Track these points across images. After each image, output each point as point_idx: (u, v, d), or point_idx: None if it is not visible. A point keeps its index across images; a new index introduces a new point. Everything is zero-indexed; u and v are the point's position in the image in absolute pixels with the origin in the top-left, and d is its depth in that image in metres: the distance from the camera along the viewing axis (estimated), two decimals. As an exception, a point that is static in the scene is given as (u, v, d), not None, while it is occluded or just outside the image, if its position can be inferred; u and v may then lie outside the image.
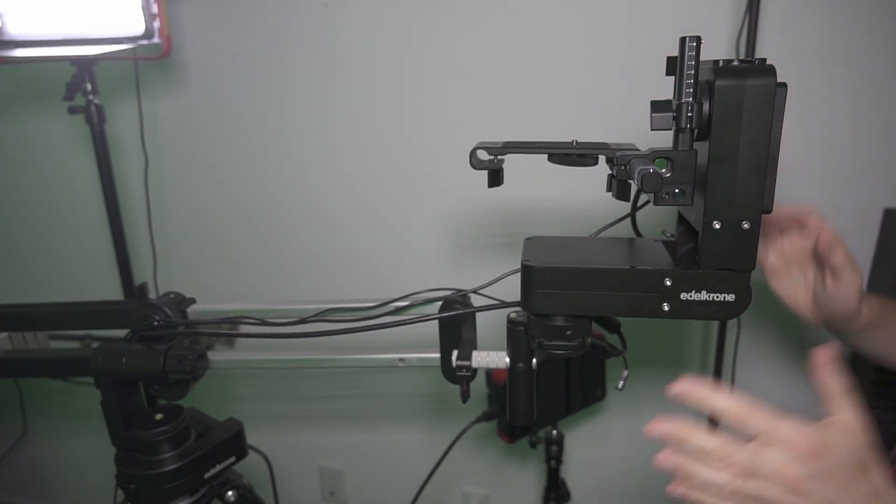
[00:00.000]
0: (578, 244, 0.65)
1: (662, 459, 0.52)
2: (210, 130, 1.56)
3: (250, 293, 1.66)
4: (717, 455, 0.49)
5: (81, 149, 1.62)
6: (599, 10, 1.25)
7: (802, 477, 0.47)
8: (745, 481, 0.48)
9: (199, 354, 0.70)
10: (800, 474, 0.47)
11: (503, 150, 0.59)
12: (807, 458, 0.47)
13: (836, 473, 0.47)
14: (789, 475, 0.47)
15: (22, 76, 1.63)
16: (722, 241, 0.54)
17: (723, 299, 0.56)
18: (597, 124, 1.31)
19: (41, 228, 1.77)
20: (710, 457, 0.49)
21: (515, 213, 1.38)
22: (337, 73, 1.43)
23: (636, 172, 0.52)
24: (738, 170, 0.52)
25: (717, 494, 0.49)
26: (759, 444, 0.48)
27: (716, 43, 1.19)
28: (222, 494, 0.77)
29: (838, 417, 0.49)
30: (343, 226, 1.54)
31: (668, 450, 0.52)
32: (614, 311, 0.59)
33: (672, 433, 0.51)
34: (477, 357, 0.66)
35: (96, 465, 1.83)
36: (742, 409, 0.49)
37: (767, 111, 0.50)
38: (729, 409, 0.49)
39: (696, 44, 0.51)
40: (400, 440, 1.69)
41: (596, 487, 1.57)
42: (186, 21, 1.48)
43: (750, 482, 0.48)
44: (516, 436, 1.19)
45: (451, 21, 1.34)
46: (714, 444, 0.49)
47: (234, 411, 0.83)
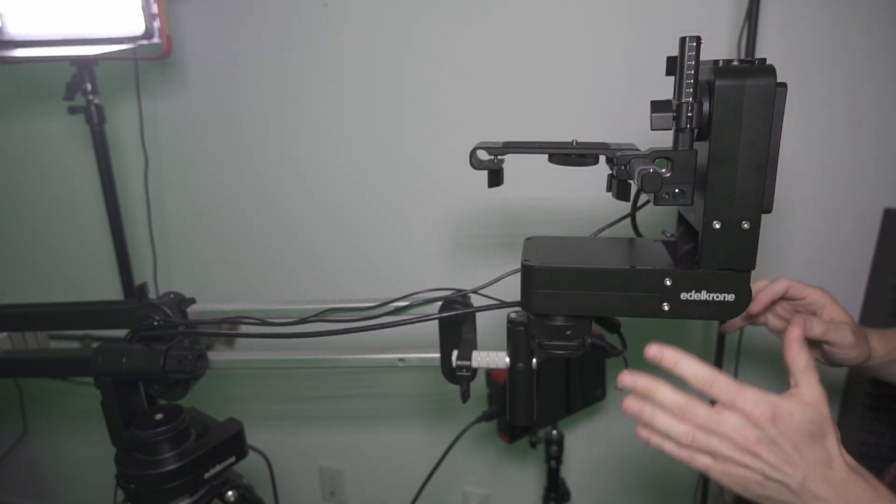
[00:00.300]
0: (578, 244, 0.65)
1: (628, 405, 0.56)
2: (210, 130, 1.56)
3: (250, 293, 1.66)
4: (679, 410, 0.53)
5: (81, 149, 1.62)
6: (599, 10, 1.25)
7: (755, 439, 0.51)
8: (702, 435, 0.53)
9: (199, 354, 0.70)
10: (753, 437, 0.51)
11: (503, 150, 0.59)
12: (761, 424, 0.51)
13: (788, 440, 0.51)
14: (743, 437, 0.51)
15: (22, 76, 1.63)
16: (722, 241, 0.54)
17: (723, 299, 0.56)
18: (597, 124, 1.31)
19: (41, 228, 1.77)
20: (672, 411, 0.54)
21: (515, 213, 1.38)
22: (337, 73, 1.43)
23: (636, 172, 0.52)
24: (738, 170, 0.51)
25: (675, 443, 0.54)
26: (720, 408, 0.52)
27: (716, 43, 1.19)
28: (222, 494, 0.77)
29: (799, 389, 0.54)
30: (343, 226, 1.54)
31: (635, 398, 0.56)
32: (614, 311, 0.59)
33: (641, 385, 0.55)
34: (477, 357, 0.66)
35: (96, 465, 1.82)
36: (708, 376, 0.53)
37: (767, 111, 0.50)
38: (697, 375, 0.53)
39: (696, 44, 0.51)
40: (400, 440, 1.69)
41: (596, 487, 1.57)
42: (186, 21, 1.48)
43: (705, 437, 0.53)
44: (516, 436, 1.19)
45: (452, 21, 1.34)
46: (677, 400, 0.53)
47: (234, 411, 0.83)
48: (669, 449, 0.55)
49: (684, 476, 1.48)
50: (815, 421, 0.52)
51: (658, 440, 0.55)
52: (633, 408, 0.56)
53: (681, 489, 1.50)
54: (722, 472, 0.53)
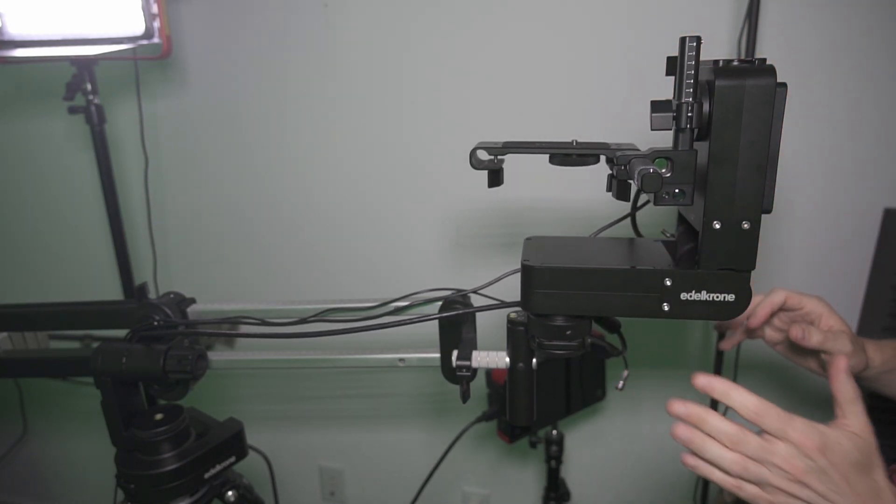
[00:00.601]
0: (578, 244, 0.65)
1: (679, 433, 0.56)
2: (210, 130, 1.56)
3: (250, 293, 1.66)
4: (730, 439, 0.53)
5: (81, 149, 1.62)
6: (599, 10, 1.25)
7: (806, 470, 0.51)
8: (752, 465, 0.53)
9: (200, 354, 0.70)
10: (802, 466, 0.51)
11: (503, 150, 0.59)
12: (812, 454, 0.51)
13: (837, 470, 0.51)
14: (793, 466, 0.51)
15: (22, 76, 1.63)
16: (722, 241, 0.54)
17: (723, 299, 0.56)
18: (597, 124, 1.31)
19: (41, 228, 1.77)
20: (723, 439, 0.54)
21: (515, 213, 1.38)
22: (337, 73, 1.43)
23: (636, 172, 0.52)
24: (738, 170, 0.51)
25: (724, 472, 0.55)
26: (769, 437, 0.53)
27: (716, 43, 1.19)
28: (222, 494, 0.77)
29: (846, 420, 0.54)
30: (343, 226, 1.54)
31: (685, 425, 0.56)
32: (614, 311, 0.59)
33: (694, 413, 0.55)
34: (477, 357, 0.66)
35: (96, 465, 1.83)
36: (759, 407, 0.53)
37: (767, 111, 0.50)
38: (747, 405, 0.54)
39: (695, 44, 0.51)
40: (400, 440, 1.69)
41: (596, 487, 1.57)
42: (186, 21, 1.48)
43: (756, 467, 0.53)
44: (516, 436, 1.19)
45: (452, 21, 1.34)
46: (730, 428, 0.54)
47: (234, 411, 0.83)
48: (718, 478, 0.55)
49: (684, 476, 1.48)
50: (863, 451, 0.52)
51: (706, 469, 0.56)
52: (685, 435, 0.56)
53: (681, 489, 1.50)
54: (769, 501, 0.53)
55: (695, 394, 0.58)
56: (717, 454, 0.54)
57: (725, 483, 0.55)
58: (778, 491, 0.53)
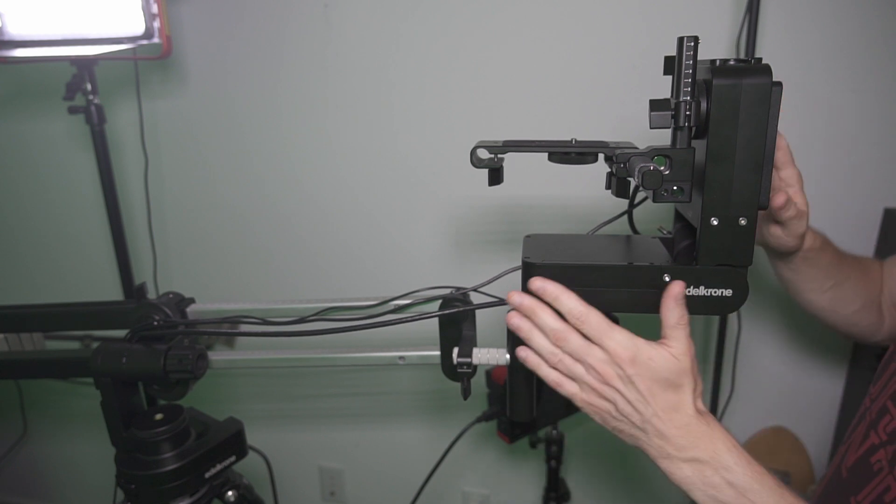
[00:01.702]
0: (578, 241, 0.66)
1: (511, 319, 0.61)
2: (210, 130, 1.56)
3: (250, 293, 1.67)
4: (555, 334, 0.58)
5: (81, 149, 1.62)
6: (599, 9, 1.25)
7: (613, 374, 0.57)
8: (569, 360, 0.59)
9: (200, 354, 0.70)
10: (612, 373, 0.57)
11: (503, 148, 0.59)
12: (622, 363, 0.56)
13: (643, 381, 0.56)
14: (604, 371, 0.57)
15: (22, 76, 1.63)
16: (719, 237, 0.54)
17: (720, 294, 0.56)
18: (596, 123, 1.31)
19: (41, 228, 1.77)
20: (549, 333, 0.59)
21: (515, 210, 1.38)
22: (336, 72, 1.43)
23: (636, 170, 0.52)
24: (736, 167, 0.52)
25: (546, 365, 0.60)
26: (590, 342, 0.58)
27: (716, 43, 1.19)
28: (222, 494, 0.77)
29: (667, 342, 0.57)
30: (343, 225, 1.54)
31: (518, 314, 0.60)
32: (614, 307, 0.60)
33: (528, 305, 0.59)
34: (478, 354, 0.67)
35: (96, 466, 1.83)
36: (581, 312, 0.57)
37: (764, 110, 0.51)
38: (573, 310, 0.58)
39: (693, 43, 0.52)
40: (400, 440, 1.69)
41: (596, 487, 1.58)
42: (186, 21, 1.48)
43: (571, 363, 0.59)
44: (516, 436, 1.19)
45: (452, 21, 1.34)
46: (557, 325, 0.58)
47: (234, 411, 0.83)
48: (544, 372, 0.60)
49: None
50: (673, 371, 0.56)
51: (534, 360, 0.61)
52: (515, 322, 0.60)
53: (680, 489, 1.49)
54: (584, 400, 0.59)
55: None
56: (540, 343, 0.59)
57: (549, 377, 0.60)
58: (590, 390, 0.58)
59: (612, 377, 0.57)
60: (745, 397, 1.37)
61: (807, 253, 0.78)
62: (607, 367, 0.57)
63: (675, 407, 0.57)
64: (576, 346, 0.58)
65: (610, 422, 0.60)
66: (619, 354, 0.56)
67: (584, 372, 0.58)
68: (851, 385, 1.29)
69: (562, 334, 0.58)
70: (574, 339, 0.58)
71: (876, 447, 0.65)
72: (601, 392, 0.58)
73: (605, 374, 0.57)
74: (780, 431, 1.36)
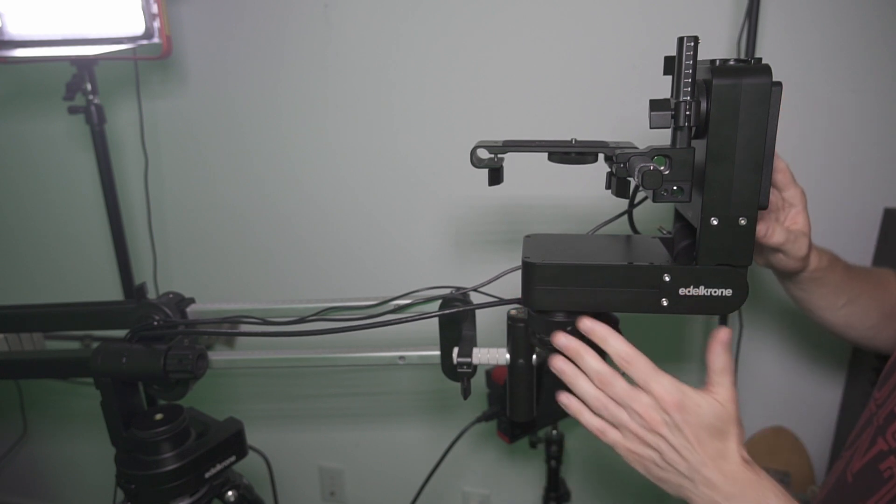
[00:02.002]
0: (578, 241, 0.66)
1: (556, 363, 0.60)
2: (210, 130, 1.56)
3: (250, 293, 1.67)
4: (600, 378, 0.57)
5: (81, 149, 1.62)
6: (599, 9, 1.25)
7: (660, 421, 0.55)
8: (613, 406, 0.57)
9: (200, 354, 0.70)
10: (658, 419, 0.55)
11: (503, 148, 0.59)
12: (668, 409, 0.55)
13: (689, 428, 0.55)
14: (650, 417, 0.56)
15: (22, 76, 1.63)
16: (719, 237, 0.54)
17: (720, 294, 0.56)
18: (595, 123, 1.31)
19: (41, 229, 1.77)
20: (594, 377, 0.58)
21: (515, 210, 1.38)
22: (336, 72, 1.43)
23: (636, 170, 0.52)
24: (735, 167, 0.52)
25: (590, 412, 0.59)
26: (636, 387, 0.57)
27: (716, 43, 1.19)
28: (222, 494, 0.77)
29: (713, 388, 0.57)
30: (343, 225, 1.54)
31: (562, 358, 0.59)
32: (614, 307, 0.60)
33: (573, 348, 0.59)
34: (478, 354, 0.67)
35: (96, 466, 1.83)
36: (629, 355, 0.57)
37: (763, 110, 0.51)
38: (620, 352, 0.57)
39: (693, 43, 0.52)
40: (400, 440, 1.69)
41: (596, 487, 1.57)
42: (186, 21, 1.48)
43: (616, 409, 0.57)
44: (516, 436, 1.19)
45: (453, 21, 1.34)
46: (602, 368, 0.57)
47: (234, 411, 0.83)
48: (587, 419, 0.59)
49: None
50: (721, 418, 0.55)
51: (576, 406, 0.60)
52: (559, 366, 0.59)
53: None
54: (628, 448, 0.58)
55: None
56: (585, 388, 0.58)
57: (591, 425, 0.59)
58: (634, 437, 0.57)
59: (658, 423, 0.55)
60: (745, 397, 1.37)
61: (814, 273, 0.76)
62: (654, 413, 0.55)
63: (722, 455, 0.55)
64: (621, 390, 0.56)
65: (654, 471, 0.58)
66: (666, 400, 0.55)
67: (628, 418, 0.56)
68: (852, 385, 1.30)
69: (607, 378, 0.57)
70: (619, 384, 0.56)
71: (885, 454, 0.64)
72: (646, 440, 0.56)
73: (652, 420, 0.55)
74: (780, 431, 1.36)
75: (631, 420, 0.56)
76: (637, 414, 0.56)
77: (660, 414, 0.55)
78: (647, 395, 0.56)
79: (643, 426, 0.56)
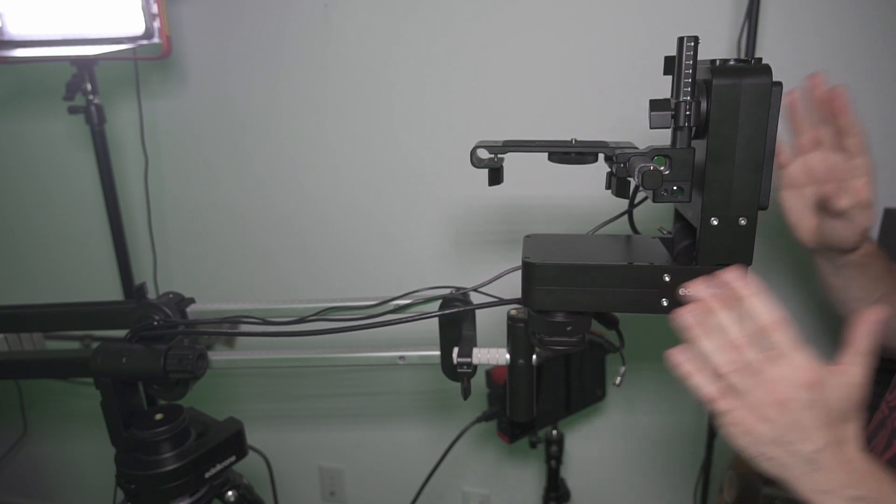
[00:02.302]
0: (578, 241, 0.66)
1: (682, 314, 0.53)
2: (210, 130, 1.56)
3: (250, 293, 1.67)
4: (732, 342, 0.51)
5: (81, 149, 1.62)
6: (599, 9, 1.25)
7: (791, 397, 0.50)
8: (740, 374, 0.51)
9: (200, 354, 0.70)
10: (790, 395, 0.50)
11: (503, 148, 0.59)
12: (803, 386, 0.50)
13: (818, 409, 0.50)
14: (780, 391, 0.50)
15: (22, 76, 1.63)
16: (719, 237, 0.54)
17: None
18: (595, 123, 1.31)
19: (41, 229, 1.77)
20: (724, 339, 0.51)
21: (515, 210, 1.38)
22: (336, 72, 1.43)
23: (636, 170, 0.52)
24: (736, 167, 0.52)
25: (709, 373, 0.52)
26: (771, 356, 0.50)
27: (716, 43, 1.19)
28: (222, 494, 0.77)
29: (846, 367, 0.51)
30: (343, 225, 1.54)
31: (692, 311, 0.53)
32: (614, 307, 0.59)
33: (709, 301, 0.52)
34: (478, 354, 0.67)
35: (96, 466, 1.82)
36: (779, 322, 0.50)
37: (763, 110, 0.51)
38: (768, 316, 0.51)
39: (693, 44, 0.52)
40: (400, 440, 1.69)
41: (596, 487, 1.57)
42: (186, 21, 1.48)
43: (744, 377, 0.51)
44: (516, 436, 1.19)
45: (453, 21, 1.34)
46: (736, 331, 0.51)
47: (234, 411, 0.83)
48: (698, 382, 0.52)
49: (684, 476, 1.48)
50: (852, 401, 0.51)
51: (690, 367, 0.53)
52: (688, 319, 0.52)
53: (681, 489, 1.50)
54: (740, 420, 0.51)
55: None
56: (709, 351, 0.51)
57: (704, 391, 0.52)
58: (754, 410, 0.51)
59: (789, 399, 0.50)
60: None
61: (861, 258, 0.74)
62: (786, 388, 0.50)
63: (845, 440, 0.51)
64: (754, 359, 0.50)
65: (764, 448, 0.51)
66: (804, 375, 0.50)
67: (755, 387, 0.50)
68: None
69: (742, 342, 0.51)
70: (753, 352, 0.51)
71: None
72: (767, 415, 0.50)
73: (783, 394, 0.50)
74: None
75: (758, 389, 0.50)
76: (767, 384, 0.50)
77: (793, 389, 0.49)
78: (783, 366, 0.50)
79: (772, 398, 0.50)
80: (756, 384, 0.50)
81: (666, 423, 1.48)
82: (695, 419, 1.42)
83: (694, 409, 1.42)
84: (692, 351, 0.53)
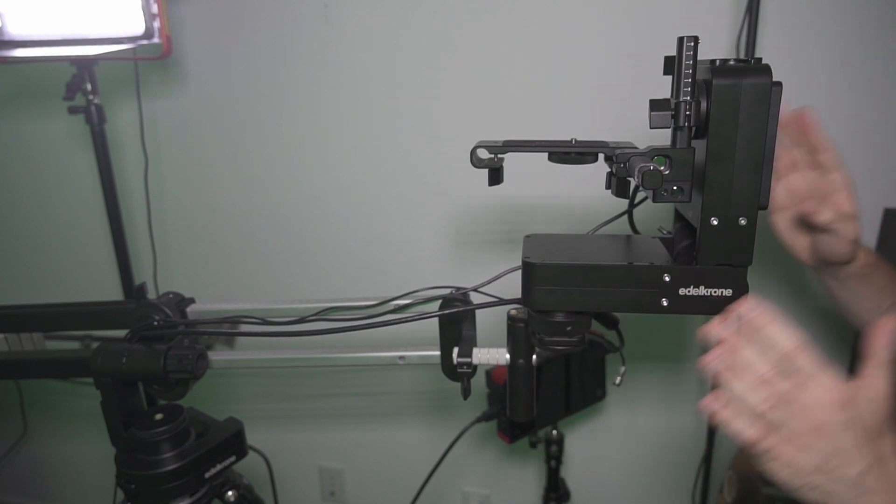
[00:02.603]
0: (578, 241, 0.66)
1: (708, 361, 0.52)
2: (210, 130, 1.56)
3: (250, 293, 1.67)
4: (761, 377, 0.50)
5: (81, 149, 1.62)
6: (599, 9, 1.25)
7: (827, 421, 0.49)
8: (776, 409, 0.49)
9: (200, 354, 0.70)
10: (825, 419, 0.49)
11: (503, 148, 0.59)
12: (835, 407, 0.49)
13: (855, 428, 0.49)
14: (816, 416, 0.49)
15: (22, 76, 1.63)
16: (719, 237, 0.54)
17: (720, 294, 0.56)
18: (595, 123, 1.31)
19: (41, 229, 1.77)
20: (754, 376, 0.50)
21: (515, 210, 1.38)
22: (336, 72, 1.43)
23: (636, 170, 0.52)
24: (735, 167, 0.52)
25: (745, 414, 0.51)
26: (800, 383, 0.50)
27: (716, 43, 1.19)
28: (222, 494, 0.77)
29: (870, 381, 0.50)
30: (343, 225, 1.54)
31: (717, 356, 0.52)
32: (614, 307, 0.59)
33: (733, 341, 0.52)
34: (478, 354, 0.67)
35: (96, 466, 1.83)
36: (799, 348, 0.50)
37: (763, 110, 0.51)
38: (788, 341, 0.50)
39: (693, 43, 0.52)
40: (400, 440, 1.69)
41: (596, 487, 1.57)
42: (186, 21, 1.48)
43: (779, 410, 0.49)
44: (516, 436, 1.19)
45: (453, 21, 1.34)
46: (763, 365, 0.50)
47: (234, 411, 0.83)
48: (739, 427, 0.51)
49: (684, 476, 1.48)
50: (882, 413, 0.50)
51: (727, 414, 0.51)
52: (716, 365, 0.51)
53: (681, 489, 1.50)
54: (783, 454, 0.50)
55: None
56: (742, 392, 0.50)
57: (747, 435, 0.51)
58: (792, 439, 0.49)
59: (826, 423, 0.48)
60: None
61: (862, 269, 0.74)
62: (821, 413, 0.48)
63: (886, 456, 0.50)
64: (786, 388, 0.48)
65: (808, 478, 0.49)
66: (835, 396, 0.48)
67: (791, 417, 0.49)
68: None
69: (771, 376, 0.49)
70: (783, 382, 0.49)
71: None
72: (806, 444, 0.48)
73: (818, 419, 0.48)
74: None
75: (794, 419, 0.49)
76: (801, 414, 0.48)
77: (827, 413, 0.48)
78: (811, 391, 0.49)
79: (810, 425, 0.48)
80: (791, 414, 0.49)
81: (666, 423, 1.48)
82: (695, 419, 1.42)
83: (694, 409, 1.42)
84: (725, 395, 0.52)
